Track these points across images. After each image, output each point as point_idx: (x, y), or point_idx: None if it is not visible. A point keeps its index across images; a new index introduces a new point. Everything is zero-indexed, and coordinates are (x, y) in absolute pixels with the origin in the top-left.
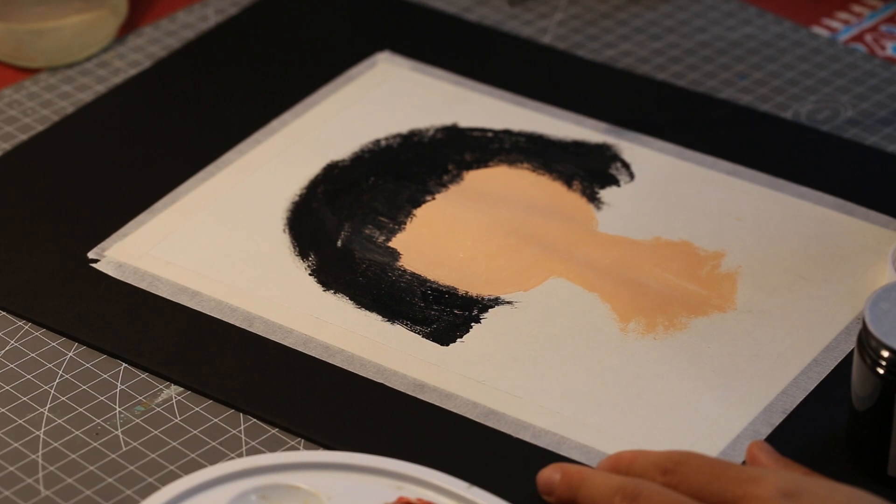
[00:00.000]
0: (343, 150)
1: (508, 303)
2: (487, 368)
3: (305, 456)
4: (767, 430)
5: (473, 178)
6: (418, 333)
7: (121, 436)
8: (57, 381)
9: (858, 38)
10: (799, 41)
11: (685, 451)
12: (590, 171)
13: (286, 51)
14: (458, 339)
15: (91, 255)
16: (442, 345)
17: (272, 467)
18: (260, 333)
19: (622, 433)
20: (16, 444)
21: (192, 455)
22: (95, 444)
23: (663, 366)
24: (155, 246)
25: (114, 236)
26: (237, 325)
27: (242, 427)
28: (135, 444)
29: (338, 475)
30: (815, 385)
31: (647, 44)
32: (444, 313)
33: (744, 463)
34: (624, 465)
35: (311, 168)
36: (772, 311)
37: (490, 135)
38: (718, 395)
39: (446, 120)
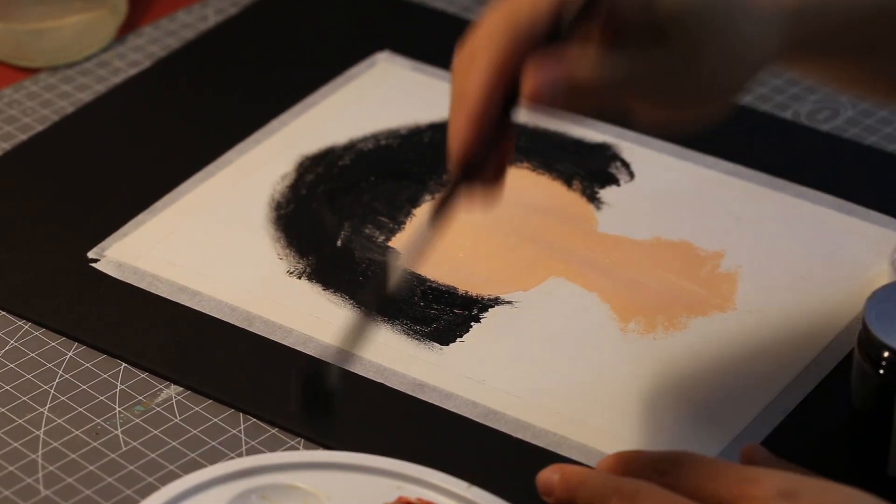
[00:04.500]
0: (343, 149)
1: (508, 302)
2: (487, 368)
3: (305, 456)
4: (767, 430)
5: None
6: (418, 333)
7: (120, 435)
8: (57, 380)
9: None
10: None
11: (682, 451)
12: (590, 170)
13: (286, 51)
14: (458, 339)
15: (91, 255)
16: (442, 344)
17: (272, 467)
18: (260, 333)
19: (622, 433)
20: (16, 444)
21: (192, 455)
22: (95, 444)
23: (663, 366)
24: (155, 246)
25: (114, 236)
26: (237, 325)
27: (242, 427)
28: (135, 443)
29: (338, 475)
30: (815, 385)
31: None
32: (444, 313)
33: None
34: (622, 465)
35: (310, 168)
36: (772, 311)
37: None
38: (718, 395)
39: (446, 120)
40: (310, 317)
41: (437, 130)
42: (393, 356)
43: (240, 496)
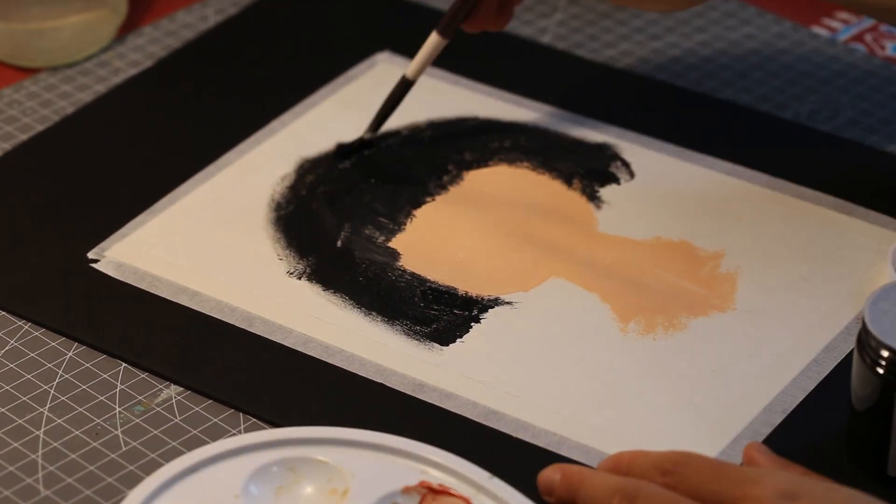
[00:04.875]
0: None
1: (508, 303)
2: (487, 368)
3: (333, 432)
4: (767, 430)
5: (473, 177)
6: (418, 333)
7: (121, 436)
8: (57, 380)
9: (858, 37)
10: (799, 41)
11: (684, 452)
12: (590, 170)
13: (286, 51)
14: (458, 339)
15: (91, 255)
16: (442, 345)
17: (300, 440)
18: (260, 333)
19: (622, 433)
20: (16, 444)
21: None
22: (95, 444)
23: (663, 366)
24: (155, 246)
25: (114, 236)
26: (237, 325)
27: (242, 427)
28: (135, 443)
29: (364, 453)
30: (815, 385)
31: (647, 44)
32: (444, 313)
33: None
34: (623, 465)
35: (310, 168)
36: (772, 311)
37: (490, 134)
38: (718, 395)
39: (446, 119)
40: (310, 317)
41: (437, 130)
42: (393, 356)
43: (267, 465)
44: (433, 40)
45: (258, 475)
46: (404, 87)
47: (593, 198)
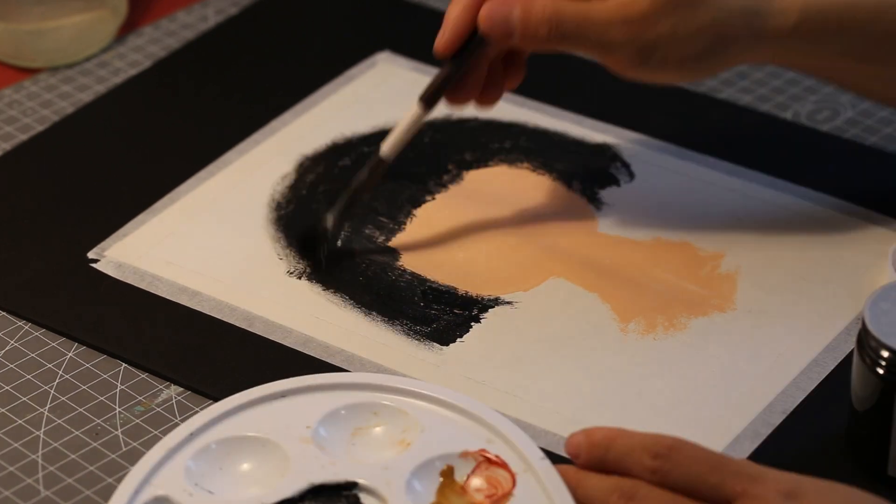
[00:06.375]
0: (343, 150)
1: (508, 303)
2: (487, 368)
3: (419, 386)
4: (767, 431)
5: (473, 177)
6: (418, 333)
7: (121, 436)
8: (57, 381)
9: None
10: None
11: (677, 438)
12: (590, 170)
13: (286, 51)
14: (458, 339)
15: (91, 255)
16: (442, 345)
17: (390, 388)
18: (260, 333)
19: None
20: (16, 444)
21: None
22: (95, 444)
23: (663, 366)
24: (155, 246)
25: (114, 236)
26: (237, 325)
27: None
28: (135, 444)
29: (438, 410)
30: (815, 385)
31: None
32: (444, 313)
33: None
34: (601, 445)
35: (310, 168)
36: (772, 311)
37: (490, 134)
38: (718, 395)
39: (446, 119)
40: (310, 317)
41: (438, 130)
42: (393, 356)
43: (356, 405)
44: (413, 113)
45: (347, 410)
46: (378, 166)
47: (593, 198)
